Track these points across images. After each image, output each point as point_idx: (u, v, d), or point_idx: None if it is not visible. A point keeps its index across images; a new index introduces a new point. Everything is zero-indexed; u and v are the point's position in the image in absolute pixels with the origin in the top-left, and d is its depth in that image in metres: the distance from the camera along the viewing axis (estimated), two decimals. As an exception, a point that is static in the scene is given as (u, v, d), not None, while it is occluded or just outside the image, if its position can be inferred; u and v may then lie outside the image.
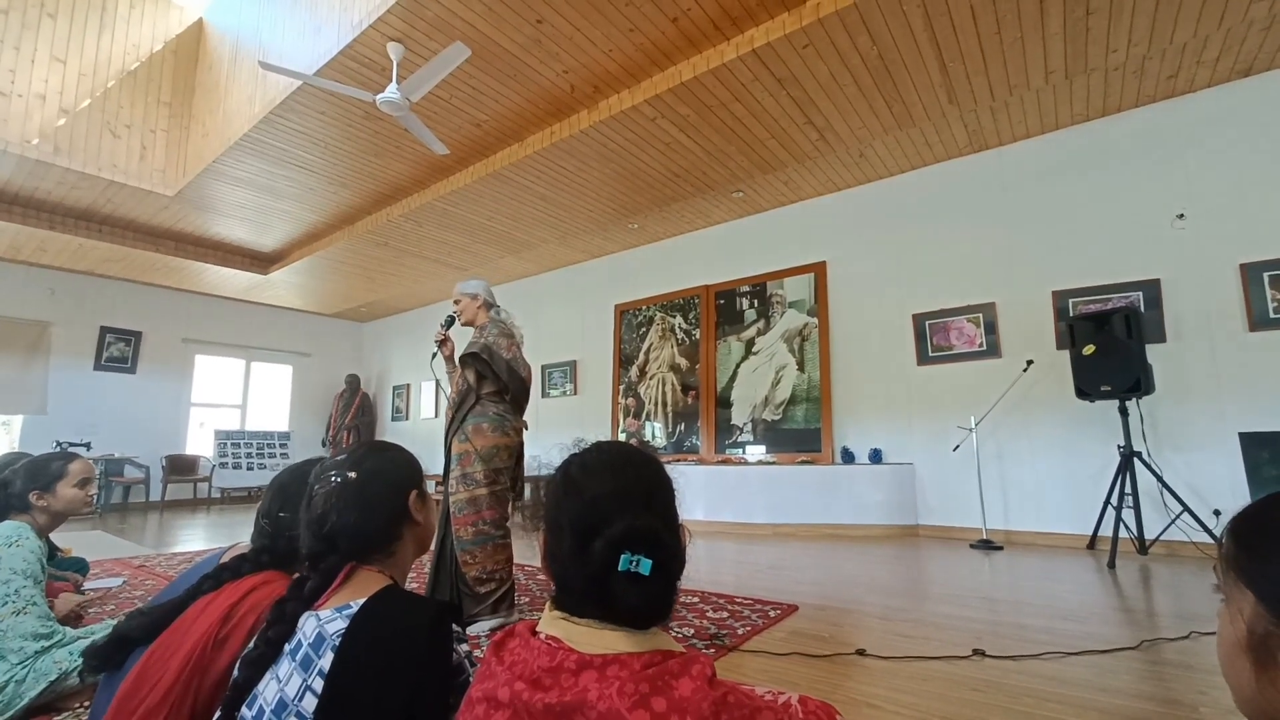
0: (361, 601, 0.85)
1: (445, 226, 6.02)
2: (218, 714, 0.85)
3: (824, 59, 3.52)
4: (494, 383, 2.58)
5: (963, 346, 4.72)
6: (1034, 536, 4.25)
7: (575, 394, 7.28)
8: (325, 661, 0.79)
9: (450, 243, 6.48)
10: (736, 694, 0.56)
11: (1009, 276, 4.58)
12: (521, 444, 2.66)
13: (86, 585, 2.92)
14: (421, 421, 9.21)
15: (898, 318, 5.06)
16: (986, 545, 4.09)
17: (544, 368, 7.50)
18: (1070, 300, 4.28)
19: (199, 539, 5.30)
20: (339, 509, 0.92)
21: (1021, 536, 4.29)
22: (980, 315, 4.65)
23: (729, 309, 6.13)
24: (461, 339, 2.76)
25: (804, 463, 5.20)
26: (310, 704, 0.77)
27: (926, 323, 4.89)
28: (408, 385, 9.56)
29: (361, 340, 10.64)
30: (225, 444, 8.26)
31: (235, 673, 0.86)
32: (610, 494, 0.67)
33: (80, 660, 1.76)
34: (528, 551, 3.63)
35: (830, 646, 2.19)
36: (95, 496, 2.09)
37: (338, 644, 0.80)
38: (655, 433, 6.48)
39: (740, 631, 2.35)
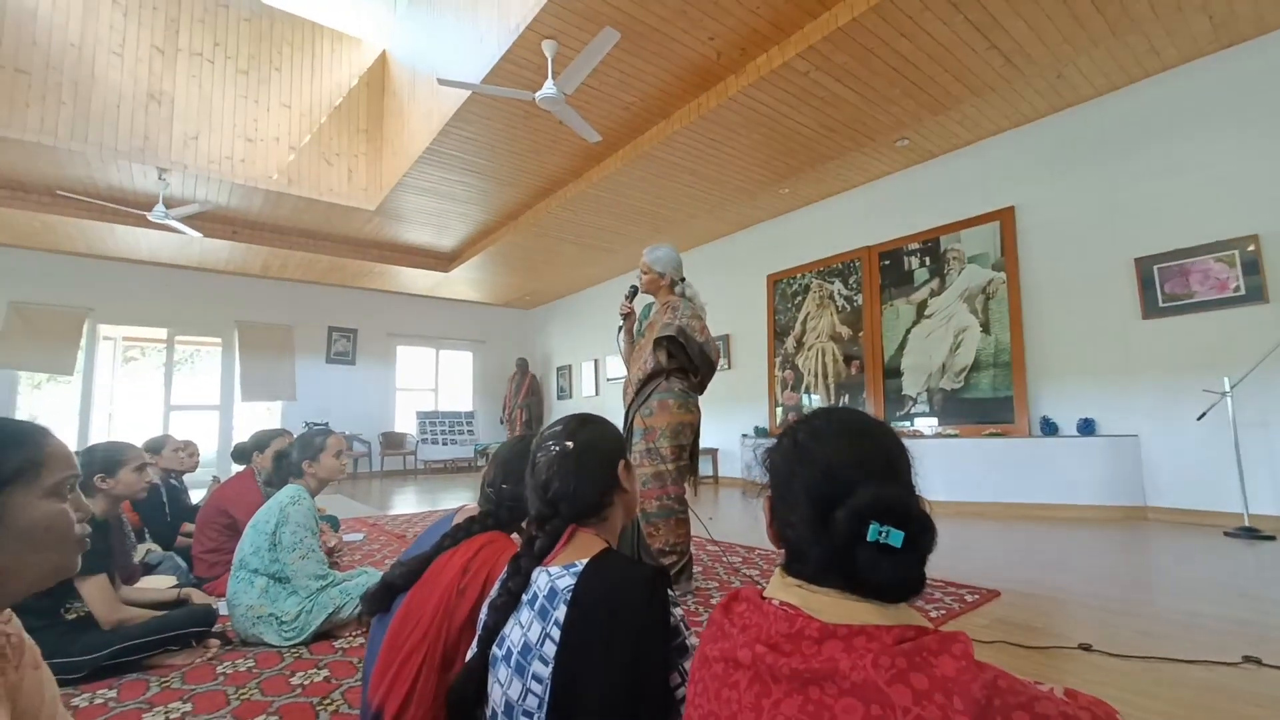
0: (585, 561, 0.92)
1: (597, 212, 6.27)
2: (473, 650, 0.97)
3: (1011, -31, 3.04)
4: (683, 363, 2.62)
5: (1208, 293, 3.86)
6: (1320, 525, 3.40)
7: (730, 368, 7.24)
8: (559, 613, 0.87)
9: (603, 227, 6.73)
10: (1007, 679, 0.51)
11: (1278, 201, 3.64)
12: (700, 420, 2.67)
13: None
14: (583, 399, 9.80)
15: (1111, 264, 4.27)
16: (1250, 533, 3.35)
17: (697, 343, 7.53)
18: (1377, 223, 3.30)
19: (411, 503, 6.20)
20: (560, 476, 1.00)
21: (1300, 524, 3.46)
22: (1235, 252, 3.76)
23: (895, 270, 5.64)
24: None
25: (993, 434, 4.66)
26: (550, 650, 0.85)
27: (1155, 267, 4.07)
28: (569, 366, 10.22)
29: (527, 326, 11.55)
30: (425, 422, 9.53)
31: (484, 615, 0.98)
32: (849, 463, 0.64)
33: (347, 597, 2.15)
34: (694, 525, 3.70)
35: (1045, 638, 1.95)
36: (348, 465, 2.51)
37: (569, 598, 0.87)
38: (815, 406, 6.22)
39: (935, 615, 2.19)
